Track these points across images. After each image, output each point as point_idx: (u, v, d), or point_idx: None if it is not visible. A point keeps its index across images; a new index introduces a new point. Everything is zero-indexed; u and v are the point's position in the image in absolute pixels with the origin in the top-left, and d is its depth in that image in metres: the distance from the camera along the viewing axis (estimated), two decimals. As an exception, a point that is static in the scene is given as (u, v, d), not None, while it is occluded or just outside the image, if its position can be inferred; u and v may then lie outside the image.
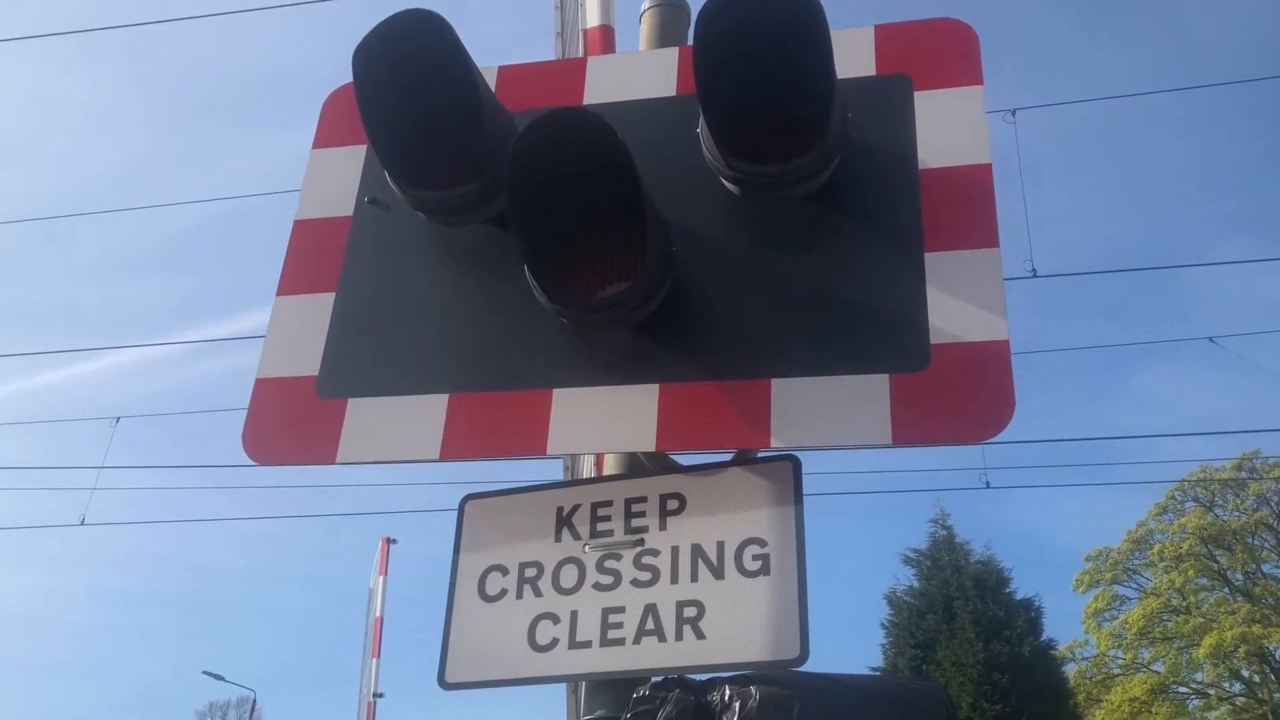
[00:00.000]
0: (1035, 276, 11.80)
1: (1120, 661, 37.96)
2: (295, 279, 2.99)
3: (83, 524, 18.03)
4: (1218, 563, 37.64)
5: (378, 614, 15.77)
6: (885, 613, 27.79)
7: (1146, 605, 37.30)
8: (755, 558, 2.55)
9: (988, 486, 17.14)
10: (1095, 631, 38.28)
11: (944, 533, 28.23)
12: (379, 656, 15.30)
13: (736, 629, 2.48)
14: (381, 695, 15.12)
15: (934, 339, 2.50)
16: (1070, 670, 34.28)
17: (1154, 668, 37.52)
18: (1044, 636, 26.65)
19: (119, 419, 18.09)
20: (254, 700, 46.38)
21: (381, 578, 16.22)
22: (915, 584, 27.71)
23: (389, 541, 16.63)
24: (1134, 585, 39.19)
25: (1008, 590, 26.78)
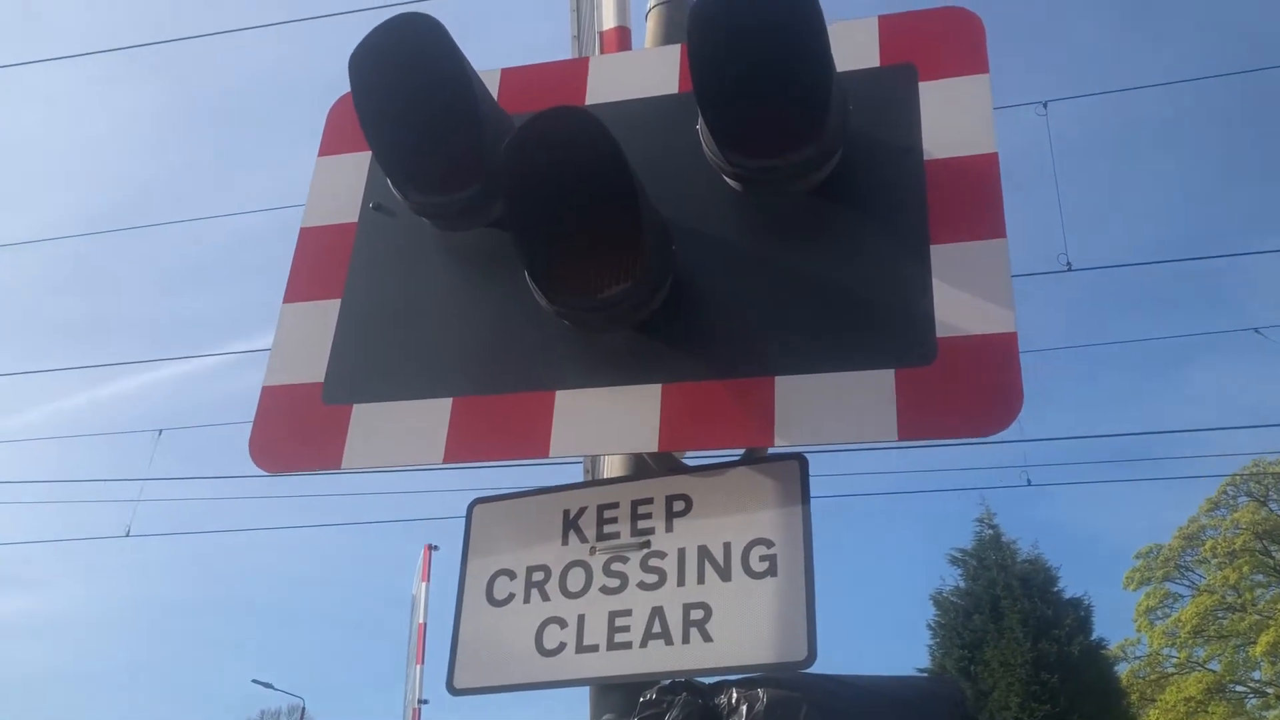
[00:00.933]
0: (1070, 270, 11.61)
1: (1174, 660, 37.30)
2: (301, 286, 2.99)
3: (128, 535, 18.30)
4: (1273, 558, 36.86)
5: (421, 621, 15.86)
6: (931, 614, 27.50)
7: (1200, 602, 36.62)
8: (762, 558, 2.51)
9: (1029, 484, 16.89)
10: (1147, 630, 37.66)
11: (990, 532, 27.89)
12: (423, 663, 15.39)
13: (744, 631, 2.44)
14: (426, 701, 15.20)
15: (940, 332, 2.46)
16: (1122, 670, 33.74)
17: (1209, 666, 36.82)
18: (1094, 635, 26.23)
19: (161, 431, 18.32)
20: (303, 708, 46.83)
21: (424, 584, 16.31)
22: (961, 584, 27.40)
23: (431, 548, 16.72)
24: (1186, 582, 38.49)
25: (1056, 589, 26.40)
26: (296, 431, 2.76)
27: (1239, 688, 36.95)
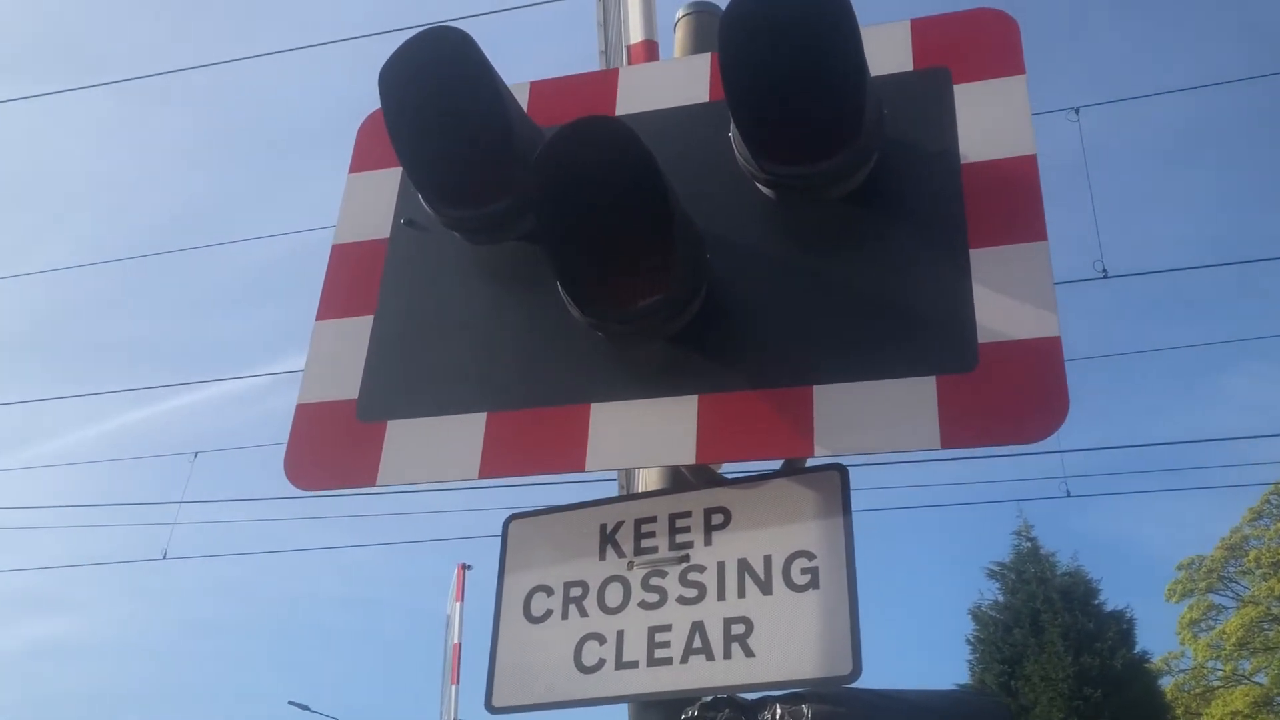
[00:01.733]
0: (1106, 277, 11.48)
1: (1219, 673, 36.62)
2: (334, 303, 2.99)
3: (165, 558, 18.43)
4: (1319, 568, 36.16)
5: (456, 640, 15.84)
6: (971, 628, 27.19)
7: (1245, 614, 35.97)
8: (804, 571, 2.46)
9: (1068, 495, 16.67)
10: (1191, 642, 37.03)
11: (1028, 544, 27.58)
12: (458, 683, 15.36)
13: (786, 645, 2.39)
14: (462, 721, 15.15)
15: (982, 338, 2.41)
16: (1167, 683, 33.20)
17: (1256, 679, 36.14)
18: (1137, 648, 25.84)
19: (197, 454, 18.46)
20: (340, 729, 46.92)
21: (458, 604, 16.30)
22: (1000, 598, 27.09)
23: (464, 568, 16.72)
24: (1230, 593, 37.84)
25: (1097, 602, 26.04)
26: (331, 449, 2.75)
27: (1287, 701, 36.21)
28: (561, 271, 2.51)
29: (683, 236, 2.47)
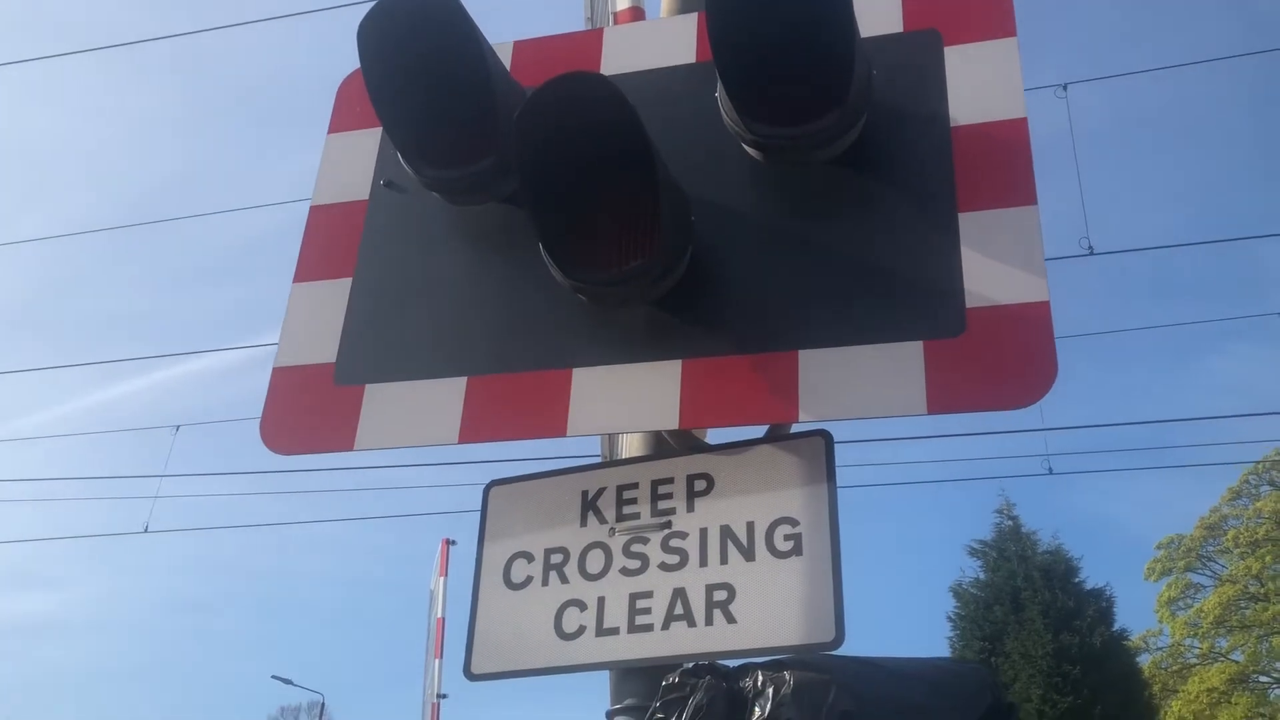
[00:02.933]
0: (1092, 254, 11.46)
1: (1197, 651, 37.00)
2: (312, 265, 2.93)
3: (146, 531, 18.33)
4: (1296, 548, 36.52)
5: (439, 615, 15.81)
6: (951, 605, 27.37)
7: (1222, 593, 36.33)
8: (787, 538, 2.44)
9: (1050, 473, 16.74)
10: (1169, 621, 37.39)
11: (1009, 523, 27.75)
12: (441, 657, 15.33)
13: (768, 612, 2.37)
14: (445, 696, 15.12)
15: (970, 303, 2.37)
16: (1144, 661, 33.53)
17: (1233, 657, 36.53)
18: (1116, 626, 26.07)
19: (179, 428, 18.34)
20: (323, 703, 47.08)
21: (442, 579, 16.25)
22: (981, 575, 27.26)
23: (449, 543, 16.68)
24: (1208, 572, 38.19)
25: (1077, 580, 26.24)
26: (308, 413, 2.70)
27: (1263, 678, 36.64)
28: (544, 233, 2.46)
29: (668, 198, 2.42)
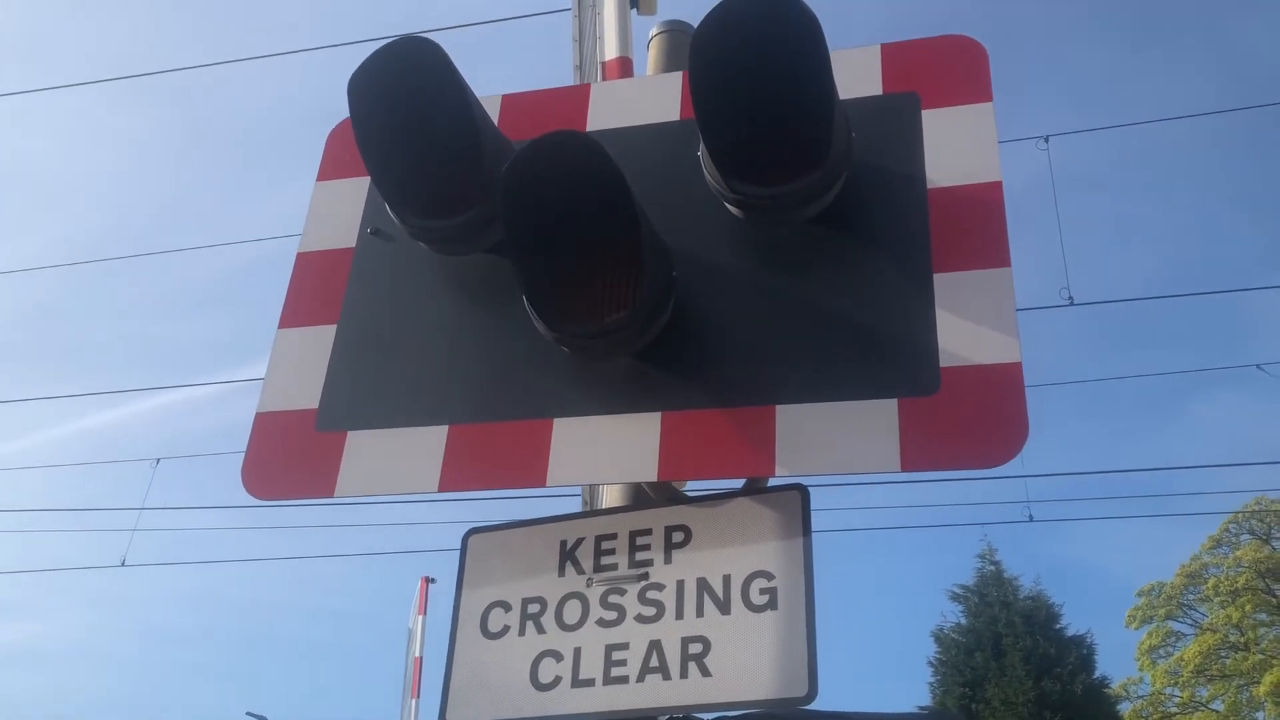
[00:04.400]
0: (1072, 304, 11.59)
1: (1177, 700, 36.91)
2: (297, 311, 2.96)
3: (123, 565, 18.16)
4: (1276, 596, 36.59)
5: (417, 654, 15.68)
6: (933, 650, 27.29)
7: (1203, 641, 36.30)
8: (762, 591, 2.46)
9: (1030, 520, 16.78)
10: (1150, 669, 37.30)
11: (991, 568, 27.77)
12: (418, 696, 15.20)
13: (743, 666, 2.39)
14: (422, 735, 14.99)
15: (944, 362, 2.42)
16: (1125, 709, 33.43)
17: (1213, 706, 36.44)
18: (1097, 674, 26.04)
19: (159, 460, 18.23)
20: (298, 742, 46.38)
21: (421, 617, 16.13)
22: (963, 621, 27.22)
23: (428, 581, 16.57)
24: (1189, 621, 38.18)
25: (1058, 626, 26.24)
26: (290, 459, 2.72)
27: (1243, 728, 36.53)
28: (527, 285, 2.50)
29: (650, 253, 2.47)
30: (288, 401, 2.81)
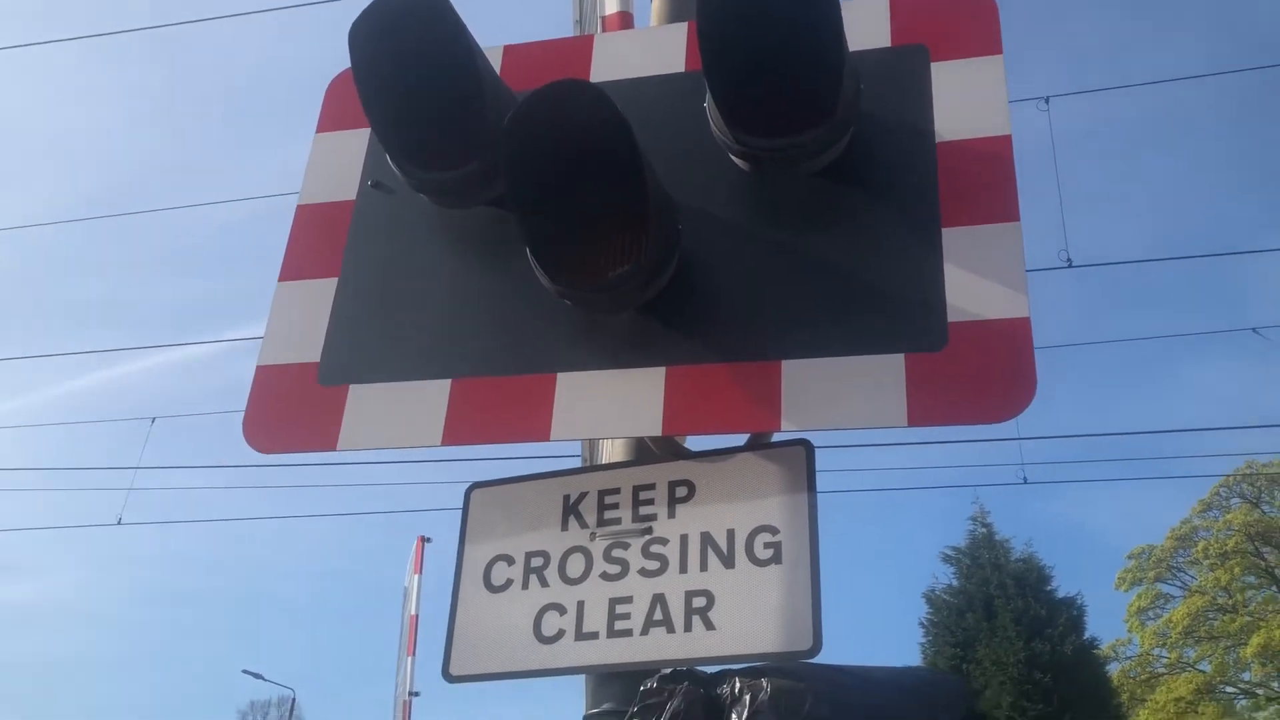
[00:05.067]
0: (1071, 266, 11.57)
1: (1165, 661, 37.34)
2: (298, 264, 2.93)
3: (119, 524, 18.20)
4: (1265, 560, 36.91)
5: (413, 612, 15.81)
6: (924, 611, 27.50)
7: (1191, 603, 36.67)
8: (767, 545, 2.46)
9: (1025, 482, 16.87)
10: (1139, 630, 37.71)
11: (983, 530, 27.92)
12: (414, 654, 15.33)
13: (747, 619, 2.39)
14: (418, 694, 15.13)
15: (952, 317, 2.40)
16: (1114, 670, 33.79)
17: (1200, 667, 36.87)
18: (1086, 635, 26.26)
19: (155, 419, 18.22)
20: (294, 699, 46.88)
21: (417, 576, 16.26)
22: (954, 582, 27.41)
23: (424, 540, 16.67)
24: (1178, 583, 38.54)
25: (1049, 588, 26.42)
26: (291, 412, 2.70)
27: (1229, 689, 37.00)
28: (531, 238, 2.48)
29: (655, 205, 2.44)
30: (289, 354, 2.78)
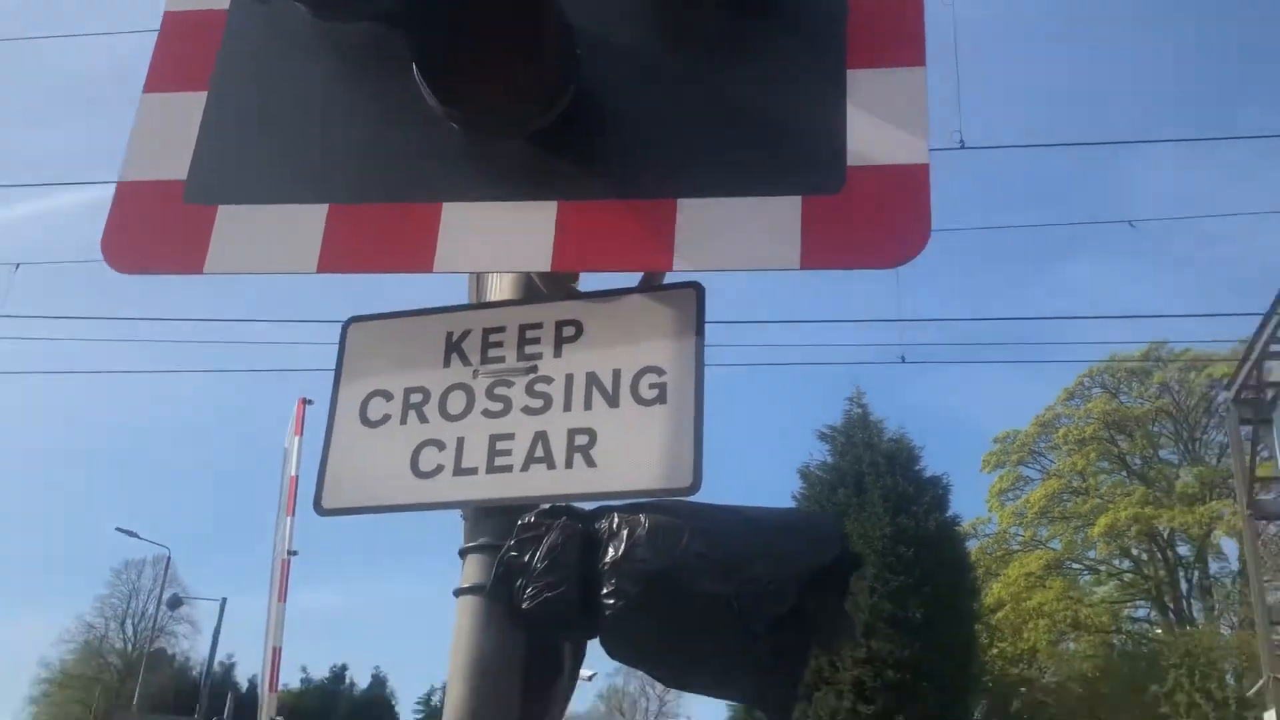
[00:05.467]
0: (963, 148, 11.71)
1: (1020, 539, 39.64)
2: (164, 75, 2.71)
3: (-19, 374, 17.40)
4: (1118, 447, 39.16)
5: (293, 473, 15.65)
6: (798, 486, 28.49)
7: (1048, 486, 38.82)
8: (652, 386, 2.43)
9: (903, 361, 17.36)
10: (999, 510, 39.85)
11: (859, 410, 28.85)
12: (294, 514, 15.24)
13: (628, 457, 2.37)
14: (295, 553, 15.09)
15: (851, 161, 2.35)
16: (973, 546, 35.75)
17: (1051, 545, 39.26)
18: (949, 513, 27.63)
19: (19, 265, 17.31)
20: (169, 558, 46.41)
21: (297, 438, 16.04)
22: (829, 459, 28.39)
23: (305, 402, 16.40)
24: (1038, 467, 40.69)
25: (918, 467, 27.61)
26: (155, 231, 2.53)
27: (1075, 565, 39.57)
28: (419, 56, 2.32)
29: (553, 28, 2.30)
30: (153, 171, 2.59)
